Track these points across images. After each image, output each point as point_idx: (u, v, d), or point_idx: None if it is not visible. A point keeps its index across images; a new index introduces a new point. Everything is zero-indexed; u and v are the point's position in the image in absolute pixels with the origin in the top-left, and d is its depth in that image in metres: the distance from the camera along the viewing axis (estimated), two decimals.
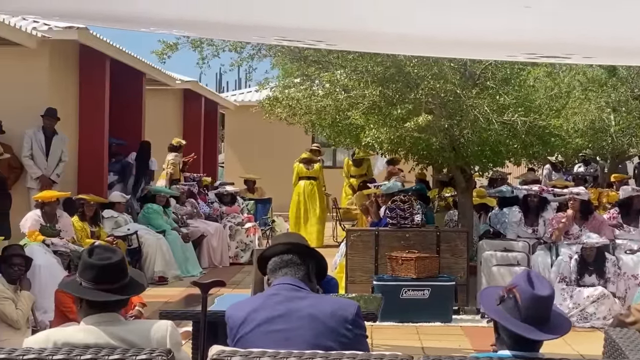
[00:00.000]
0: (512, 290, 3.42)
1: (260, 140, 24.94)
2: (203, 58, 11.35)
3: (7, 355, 3.44)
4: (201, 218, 15.94)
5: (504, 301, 3.44)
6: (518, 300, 3.40)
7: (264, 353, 3.53)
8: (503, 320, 3.41)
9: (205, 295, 5.01)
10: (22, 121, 12.73)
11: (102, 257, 3.87)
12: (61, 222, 11.12)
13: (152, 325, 3.84)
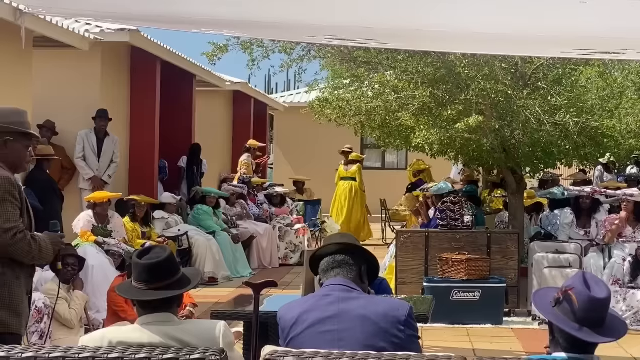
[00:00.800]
0: (568, 292, 3.38)
1: (309, 142, 25.00)
2: (253, 60, 11.39)
3: (64, 353, 3.47)
4: (251, 219, 15.99)
5: (560, 303, 3.40)
6: (574, 303, 3.35)
7: (317, 353, 3.52)
8: (559, 322, 3.37)
9: (257, 296, 5.02)
10: (75, 123, 12.86)
11: (150, 257, 3.89)
12: (113, 222, 11.21)
13: (206, 325, 3.86)
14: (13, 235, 4.72)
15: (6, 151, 4.88)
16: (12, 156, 4.91)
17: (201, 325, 3.87)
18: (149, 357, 3.47)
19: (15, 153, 4.92)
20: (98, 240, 10.68)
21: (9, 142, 4.89)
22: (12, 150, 4.90)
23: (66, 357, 3.46)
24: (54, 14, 9.46)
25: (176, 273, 3.92)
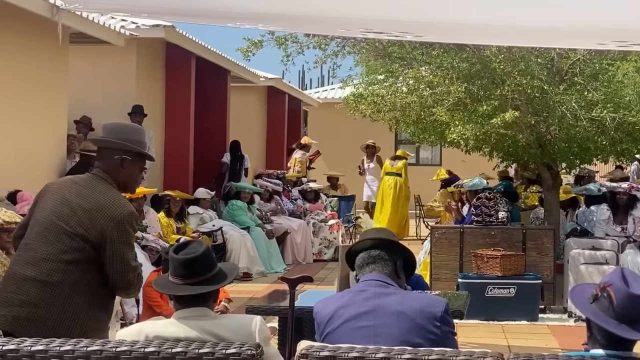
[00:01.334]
0: (606, 288, 3.35)
1: (343, 138, 24.95)
2: (288, 55, 11.38)
3: (101, 347, 3.49)
4: (285, 215, 16.02)
5: (598, 299, 3.37)
6: (612, 299, 3.32)
7: (352, 349, 3.52)
8: (597, 318, 3.34)
9: (292, 291, 5.03)
10: (111, 118, 12.83)
11: (187, 252, 3.90)
12: (148, 217, 11.27)
13: (242, 320, 3.86)
14: (138, 274, 4.54)
15: (122, 171, 4.57)
16: (126, 176, 4.60)
17: (237, 320, 3.88)
18: (185, 351, 3.48)
19: (131, 174, 4.61)
20: (137, 235, 10.73)
21: (125, 162, 4.57)
22: (128, 171, 4.59)
23: (103, 351, 3.48)
24: (90, 9, 9.52)
25: (212, 268, 3.93)
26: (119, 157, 4.54)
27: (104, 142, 4.63)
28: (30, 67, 10.58)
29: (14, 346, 3.52)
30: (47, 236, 4.34)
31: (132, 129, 4.75)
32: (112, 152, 4.56)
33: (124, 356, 3.47)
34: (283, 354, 4.59)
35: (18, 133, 10.27)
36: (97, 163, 4.63)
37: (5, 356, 3.51)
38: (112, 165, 4.55)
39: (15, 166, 10.07)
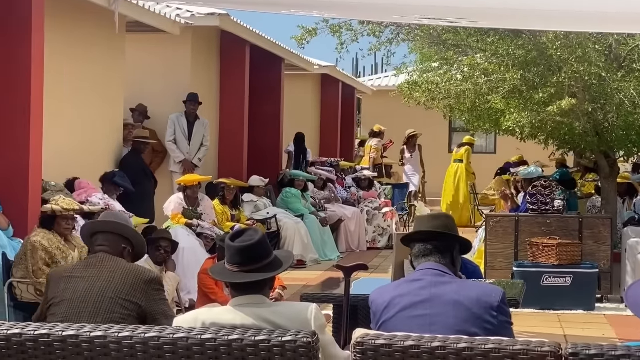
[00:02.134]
0: None
1: (397, 125, 24.87)
2: (342, 43, 11.38)
3: (159, 333, 3.52)
4: (339, 202, 16.02)
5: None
6: None
7: (408, 337, 3.51)
8: None
9: (348, 279, 5.03)
10: (166, 106, 13.04)
11: (243, 240, 3.91)
12: (203, 205, 11.33)
13: (298, 308, 3.87)
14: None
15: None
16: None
17: (293, 308, 3.89)
18: (241, 338, 3.50)
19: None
20: (193, 223, 10.81)
21: (127, 252, 4.99)
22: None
23: (161, 338, 3.51)
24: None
25: (268, 255, 3.94)
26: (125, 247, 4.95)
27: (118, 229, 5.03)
28: (88, 56, 10.68)
29: (73, 332, 3.57)
30: (94, 312, 4.60)
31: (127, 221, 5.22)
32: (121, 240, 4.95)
33: (181, 343, 3.50)
34: (338, 342, 4.60)
35: (76, 122, 10.39)
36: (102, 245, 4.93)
37: (65, 342, 3.55)
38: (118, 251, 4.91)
39: (73, 154, 10.18)
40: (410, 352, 3.46)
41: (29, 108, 8.18)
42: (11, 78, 8.19)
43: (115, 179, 10.12)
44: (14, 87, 8.18)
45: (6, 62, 8.23)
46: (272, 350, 3.49)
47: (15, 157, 8.19)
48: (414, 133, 19.57)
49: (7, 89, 8.20)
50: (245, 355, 3.49)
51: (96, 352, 3.53)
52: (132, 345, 3.51)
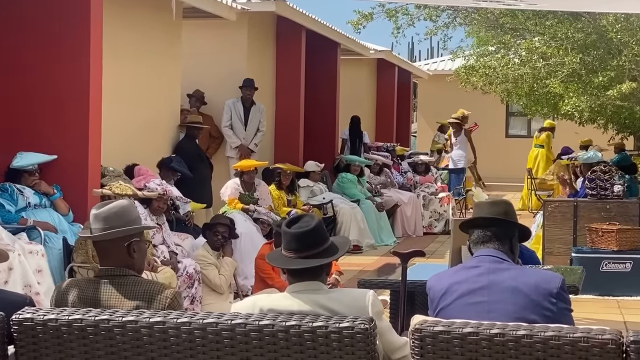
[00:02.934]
0: None
1: (453, 110, 24.73)
2: (398, 27, 11.35)
3: (217, 319, 3.54)
4: (395, 187, 15.98)
5: None
6: None
7: (466, 324, 3.49)
8: None
9: (405, 265, 5.01)
10: (222, 92, 13.09)
11: (299, 226, 3.91)
12: (259, 190, 11.37)
13: (355, 294, 3.86)
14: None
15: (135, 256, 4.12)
16: (141, 260, 4.18)
17: (350, 294, 3.88)
18: (299, 324, 3.51)
19: (144, 254, 4.22)
20: (249, 208, 10.86)
21: (135, 244, 4.11)
22: (139, 253, 4.15)
23: (219, 324, 3.53)
24: None
25: (325, 241, 3.93)
26: (128, 243, 4.07)
27: (111, 234, 4.05)
28: (145, 42, 10.75)
29: (132, 317, 3.60)
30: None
31: (121, 207, 4.13)
32: (119, 242, 4.07)
33: (239, 329, 3.52)
34: (395, 328, 4.59)
35: (134, 108, 10.47)
36: (104, 263, 4.09)
37: (124, 327, 3.59)
38: (122, 257, 4.07)
39: (132, 140, 10.27)
40: (469, 339, 3.44)
41: (88, 95, 8.26)
42: (70, 65, 8.28)
43: (172, 165, 10.19)
44: (73, 74, 8.26)
45: (65, 48, 8.32)
46: (329, 336, 3.49)
47: (75, 143, 8.28)
48: (456, 120, 19.30)
49: (66, 76, 8.28)
50: (303, 341, 3.50)
51: (155, 337, 3.56)
52: (191, 331, 3.54)
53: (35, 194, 8.05)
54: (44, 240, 7.64)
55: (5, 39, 8.36)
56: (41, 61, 8.33)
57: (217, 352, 3.54)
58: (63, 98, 8.32)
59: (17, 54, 8.36)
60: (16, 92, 8.36)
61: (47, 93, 8.31)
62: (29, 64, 8.35)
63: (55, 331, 3.63)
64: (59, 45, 8.27)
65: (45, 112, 8.32)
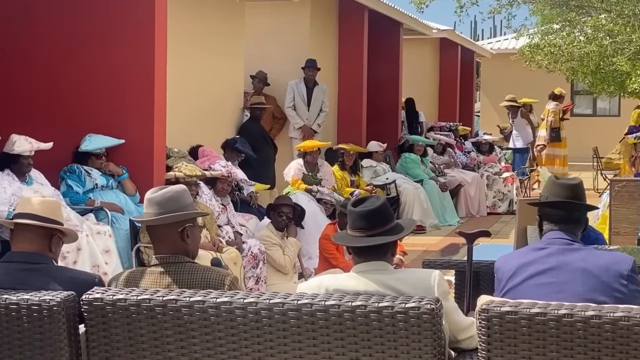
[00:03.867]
0: None
1: (517, 89, 24.51)
2: (461, 6, 11.27)
3: (283, 299, 3.56)
4: (458, 167, 15.89)
5: None
6: None
7: (534, 304, 3.47)
8: None
9: (470, 245, 4.98)
10: (285, 73, 13.11)
11: (365, 205, 3.92)
12: (322, 171, 11.39)
13: (421, 274, 3.85)
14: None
15: (188, 241, 4.10)
16: (194, 245, 4.16)
17: (416, 274, 3.88)
18: (364, 304, 3.51)
19: (197, 239, 4.22)
20: (312, 188, 10.88)
21: (189, 230, 4.10)
22: (193, 238, 4.14)
23: (285, 304, 3.55)
24: None
25: (390, 220, 3.93)
26: (182, 229, 4.05)
27: (164, 219, 4.04)
28: (208, 23, 10.80)
29: (200, 297, 3.63)
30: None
31: (176, 192, 4.12)
32: (173, 227, 4.05)
33: (305, 309, 3.53)
34: (461, 308, 4.57)
35: (198, 89, 10.53)
36: (159, 249, 4.08)
37: (192, 307, 3.62)
38: (177, 242, 4.06)
39: (196, 122, 10.34)
40: (537, 320, 3.42)
41: (153, 77, 8.32)
42: (135, 46, 8.34)
43: (236, 145, 10.24)
44: (138, 55, 8.33)
45: (130, 32, 8.38)
46: (395, 316, 3.49)
47: (140, 124, 8.35)
48: (511, 103, 19.01)
49: (131, 57, 8.35)
50: (369, 321, 3.50)
51: (222, 317, 3.59)
52: (257, 311, 3.56)
53: (102, 176, 8.15)
54: (111, 221, 7.75)
55: (72, 24, 8.45)
56: (107, 45, 8.40)
57: (283, 332, 3.56)
58: (128, 81, 8.38)
59: (83, 38, 8.44)
60: (82, 75, 8.45)
61: (113, 76, 8.38)
62: (96, 48, 8.43)
63: (124, 311, 3.68)
64: (124, 29, 8.33)
65: (112, 94, 8.40)
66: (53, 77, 8.45)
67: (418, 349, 3.50)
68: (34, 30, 8.47)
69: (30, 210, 4.12)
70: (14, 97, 8.49)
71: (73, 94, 8.45)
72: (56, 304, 3.71)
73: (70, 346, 3.74)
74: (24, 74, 8.50)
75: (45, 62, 8.48)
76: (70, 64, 8.46)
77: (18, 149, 7.47)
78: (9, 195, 7.18)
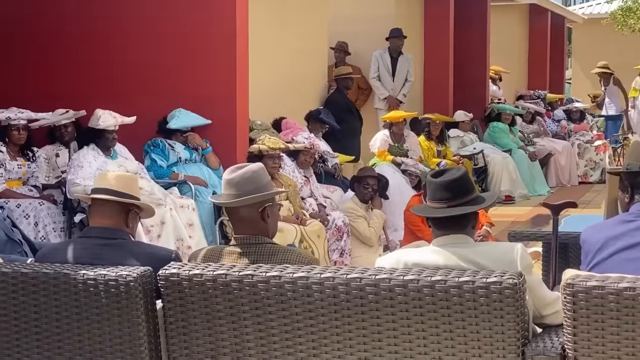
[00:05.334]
0: None
1: (610, 55, 23.90)
2: None
3: (360, 274, 3.48)
4: (548, 136, 15.60)
5: None
6: None
7: (622, 279, 3.32)
8: None
9: (555, 217, 4.83)
10: (370, 43, 12.97)
11: (445, 176, 3.81)
12: (408, 141, 11.27)
13: (502, 248, 3.73)
14: None
15: (268, 221, 4.05)
16: (274, 224, 4.11)
17: (498, 248, 3.75)
18: (444, 279, 3.41)
19: (276, 219, 4.16)
20: (396, 160, 10.77)
21: (269, 209, 4.05)
22: (272, 218, 4.09)
23: (363, 279, 3.47)
24: None
25: (470, 192, 3.82)
26: (262, 209, 4.00)
27: (245, 200, 3.97)
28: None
29: (276, 272, 3.58)
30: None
31: (254, 172, 4.05)
32: (253, 208, 4.00)
33: (383, 284, 3.44)
34: (547, 282, 4.44)
35: (282, 61, 10.48)
36: (239, 229, 4.02)
37: (268, 282, 3.57)
38: (257, 222, 4.01)
39: (280, 93, 10.29)
40: (625, 295, 3.27)
41: (235, 51, 8.29)
42: (217, 19, 8.32)
43: (320, 116, 10.18)
44: (220, 28, 8.30)
45: (211, 4, 8.35)
46: (476, 291, 3.37)
47: (223, 97, 8.34)
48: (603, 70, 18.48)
49: (213, 31, 8.33)
50: (449, 296, 3.40)
51: (298, 292, 3.53)
52: (334, 287, 3.48)
53: (186, 149, 8.17)
54: (195, 195, 7.76)
55: (156, 3, 8.47)
56: (190, 20, 8.40)
57: (361, 308, 3.48)
58: (211, 54, 8.37)
59: (167, 17, 8.46)
60: (164, 49, 8.47)
61: (195, 49, 8.38)
62: (179, 24, 8.43)
63: (200, 286, 3.64)
64: (207, 5, 8.31)
65: (194, 68, 8.40)
66: (134, 53, 8.49)
67: (500, 324, 3.38)
68: (119, 10, 8.51)
69: (107, 185, 4.11)
70: (98, 72, 8.55)
71: (155, 68, 8.48)
72: (133, 279, 3.69)
73: (147, 321, 3.72)
74: (106, 49, 8.56)
75: (125, 38, 8.52)
76: (151, 39, 8.48)
77: (103, 123, 7.52)
78: (94, 169, 7.24)
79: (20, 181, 7.47)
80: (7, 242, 5.06)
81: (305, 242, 7.69)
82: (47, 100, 8.11)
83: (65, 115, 7.92)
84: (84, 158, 7.34)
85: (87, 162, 7.30)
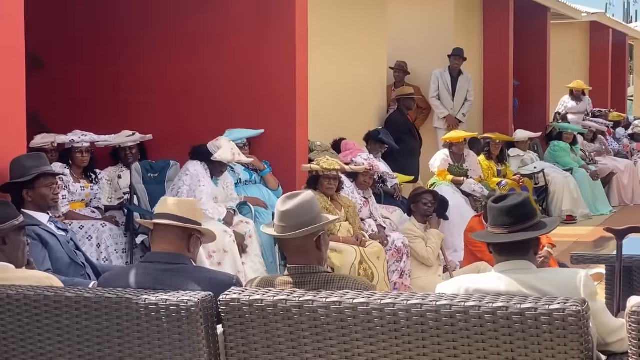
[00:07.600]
0: None
1: None
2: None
3: (421, 300, 3.46)
4: (610, 155, 15.41)
5: None
6: None
7: None
8: None
9: (620, 242, 4.76)
10: (429, 62, 12.95)
11: (506, 202, 3.78)
12: (468, 161, 11.21)
13: (565, 274, 3.68)
14: None
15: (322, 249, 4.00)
16: (325, 252, 4.04)
17: (560, 274, 3.71)
18: (506, 306, 3.37)
19: (327, 246, 4.08)
20: (459, 180, 10.70)
21: (322, 238, 4.00)
22: (324, 247, 4.01)
23: (424, 305, 3.44)
24: None
25: (532, 217, 3.78)
26: (316, 238, 3.96)
27: (302, 232, 3.92)
28: (351, 15, 10.74)
29: (336, 298, 3.57)
30: None
31: (307, 201, 3.98)
32: (309, 238, 3.95)
33: (444, 310, 3.42)
34: (610, 308, 4.37)
35: (341, 82, 10.50)
36: (294, 259, 3.96)
37: (329, 308, 3.56)
38: (312, 251, 3.97)
39: (340, 115, 10.31)
40: None
41: (294, 72, 8.31)
42: (278, 45, 8.35)
43: (379, 137, 10.17)
44: (279, 48, 8.33)
45: (272, 28, 8.39)
46: (539, 318, 3.33)
47: (283, 118, 8.36)
48: None
49: (274, 56, 8.36)
50: (511, 323, 3.36)
51: (359, 318, 3.51)
52: (395, 313, 3.47)
53: (246, 170, 8.21)
54: (255, 216, 7.79)
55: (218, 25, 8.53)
56: (250, 42, 8.44)
57: (422, 334, 3.46)
58: (271, 77, 8.40)
59: (227, 38, 8.52)
60: (227, 72, 8.52)
61: (256, 73, 8.42)
62: (239, 46, 8.48)
63: (261, 311, 3.65)
64: (267, 25, 8.36)
65: (254, 91, 8.44)
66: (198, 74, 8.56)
67: (564, 352, 3.34)
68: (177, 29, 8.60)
69: (167, 211, 4.14)
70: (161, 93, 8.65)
71: (217, 89, 8.53)
72: (194, 304, 3.70)
73: (208, 347, 3.73)
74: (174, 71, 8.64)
75: (188, 60, 8.59)
76: (216, 62, 8.54)
77: (218, 157, 7.50)
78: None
79: (83, 203, 7.56)
80: (70, 264, 5.12)
81: (365, 264, 7.66)
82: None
83: (132, 138, 8.00)
84: (204, 178, 7.43)
85: (204, 185, 7.38)
